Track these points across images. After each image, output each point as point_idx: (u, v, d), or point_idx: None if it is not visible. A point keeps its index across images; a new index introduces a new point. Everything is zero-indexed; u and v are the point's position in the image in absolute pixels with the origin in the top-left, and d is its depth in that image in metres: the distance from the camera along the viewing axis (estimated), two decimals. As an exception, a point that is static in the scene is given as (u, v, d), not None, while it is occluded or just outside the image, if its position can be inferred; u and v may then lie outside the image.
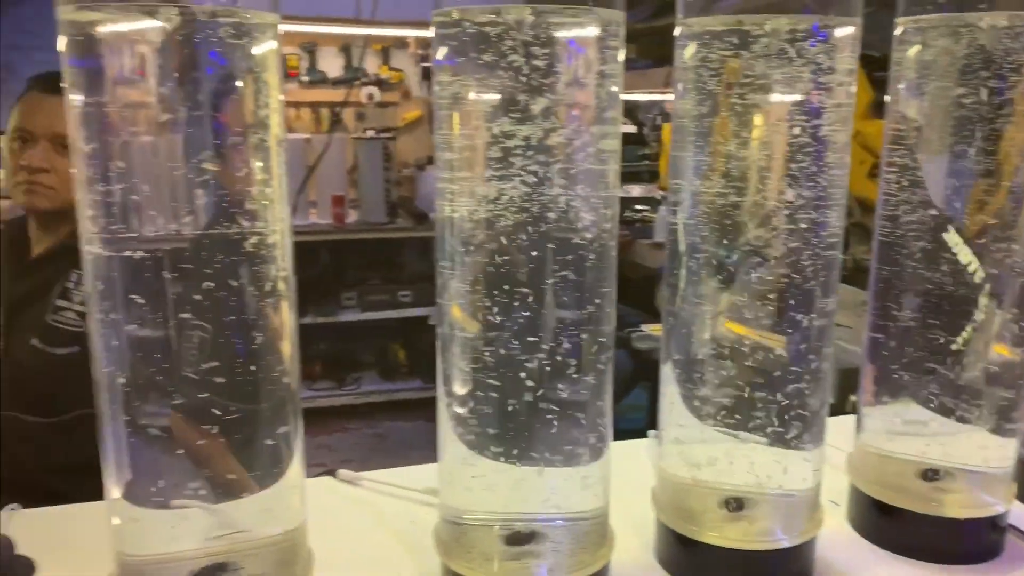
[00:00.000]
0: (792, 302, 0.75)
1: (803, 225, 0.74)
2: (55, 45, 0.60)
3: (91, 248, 0.62)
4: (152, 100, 0.59)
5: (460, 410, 0.75)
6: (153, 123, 0.60)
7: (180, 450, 0.65)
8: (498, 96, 0.66)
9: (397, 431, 3.98)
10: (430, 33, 0.71)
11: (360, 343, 4.34)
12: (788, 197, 0.74)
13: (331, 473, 1.00)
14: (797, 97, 0.73)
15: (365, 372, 4.28)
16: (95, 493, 0.93)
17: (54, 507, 0.95)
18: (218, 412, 0.64)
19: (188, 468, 0.66)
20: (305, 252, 3.90)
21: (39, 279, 1.39)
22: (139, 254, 0.61)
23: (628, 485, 0.81)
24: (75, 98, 0.61)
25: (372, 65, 4.36)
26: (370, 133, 4.20)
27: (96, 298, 0.63)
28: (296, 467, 0.72)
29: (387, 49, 4.34)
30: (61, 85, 1.19)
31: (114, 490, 0.67)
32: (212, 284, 0.62)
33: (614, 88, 0.69)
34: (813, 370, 0.76)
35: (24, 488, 1.07)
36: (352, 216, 4.08)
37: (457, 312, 0.74)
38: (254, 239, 0.64)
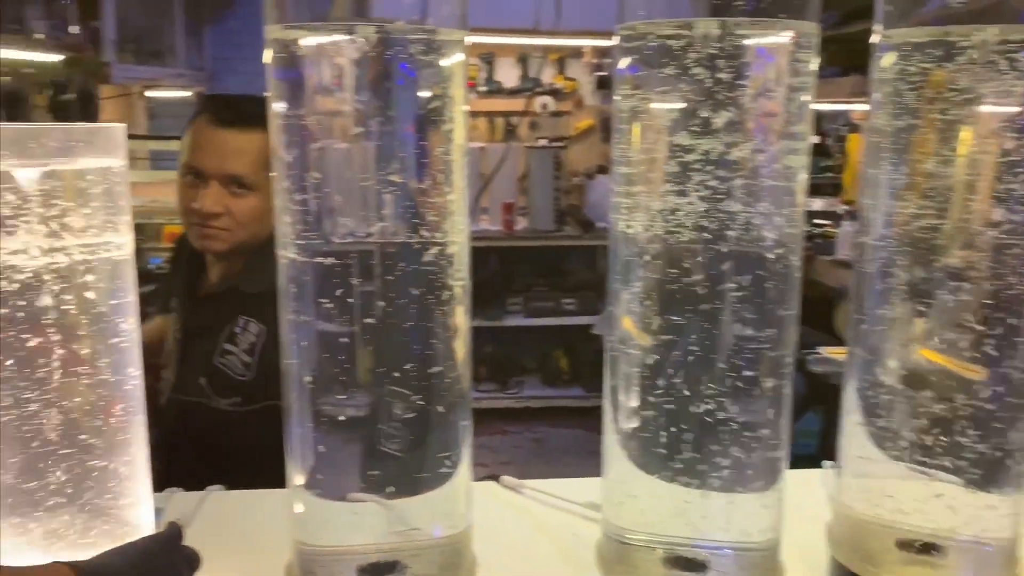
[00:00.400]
0: (996, 331, 0.69)
1: (1012, 247, 0.68)
2: (259, 57, 0.65)
3: (286, 253, 0.66)
4: (348, 111, 0.62)
5: (627, 426, 0.74)
6: (348, 133, 0.63)
7: (360, 444, 0.68)
8: (680, 109, 0.65)
9: (556, 437, 3.99)
10: (608, 42, 0.70)
11: (524, 348, 4.40)
12: (996, 217, 0.68)
13: (494, 478, 1.02)
14: (1009, 110, 0.67)
15: (527, 377, 4.33)
16: (267, 483, 0.98)
17: (228, 491, 1.01)
18: (398, 411, 0.66)
19: (367, 463, 0.69)
20: (475, 257, 3.96)
21: (211, 314, 1.33)
22: (329, 260, 0.64)
23: (800, 517, 0.77)
24: (278, 107, 0.65)
25: (547, 75, 4.41)
26: (542, 142, 4.25)
27: (288, 299, 0.67)
28: (465, 469, 0.74)
29: (563, 59, 4.38)
30: (232, 118, 1.18)
31: (297, 479, 0.71)
32: (398, 288, 0.64)
33: (804, 101, 0.66)
34: (1018, 406, 0.70)
35: (197, 474, 1.13)
36: (521, 223, 4.14)
37: (629, 326, 0.73)
38: (436, 248, 0.66)
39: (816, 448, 2.48)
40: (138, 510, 0.74)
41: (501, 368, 4.25)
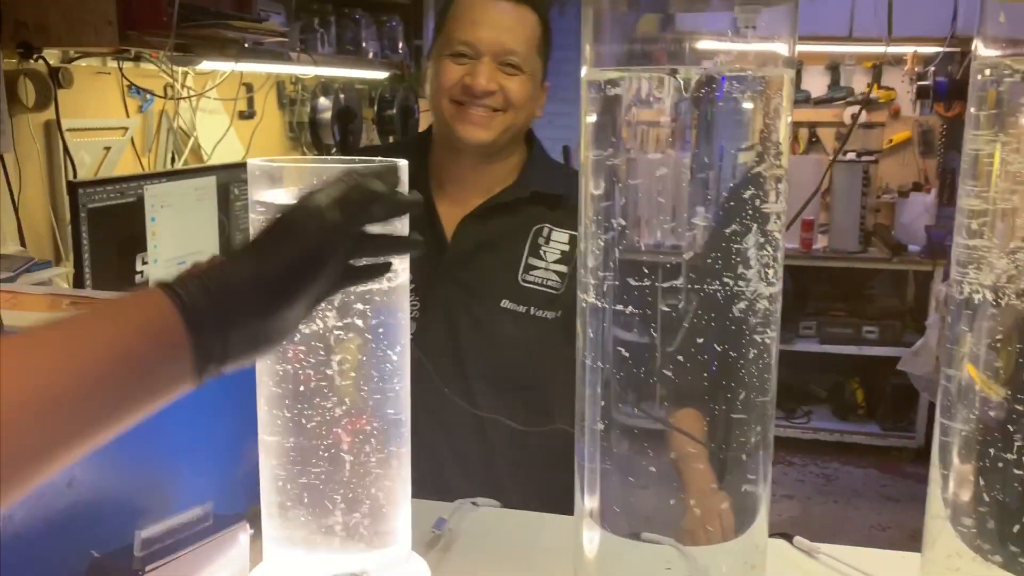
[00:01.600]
0: None
1: None
2: (560, 69, 0.64)
3: (585, 296, 0.65)
4: (663, 147, 0.60)
5: (960, 493, 0.64)
6: (661, 164, 0.60)
7: (657, 480, 0.64)
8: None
9: (846, 475, 3.70)
10: (934, 49, 0.61)
11: (815, 375, 4.13)
12: None
13: (786, 537, 0.91)
14: None
15: (817, 407, 4.06)
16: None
17: (504, 508, 1.02)
18: (707, 437, 0.62)
19: (664, 500, 0.65)
20: (766, 275, 3.77)
21: (495, 234, 1.25)
22: (632, 308, 0.61)
23: None
24: (592, 141, 0.64)
25: (859, 83, 4.10)
26: (850, 155, 3.96)
27: (586, 340, 0.65)
28: (762, 522, 0.68)
29: (878, 66, 4.05)
30: None
31: (587, 510, 0.69)
32: (711, 329, 0.60)
33: None
34: None
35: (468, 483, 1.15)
36: (820, 241, 3.89)
37: (972, 373, 0.63)
38: (745, 300, 0.61)
39: None
40: (399, 518, 0.76)
41: (788, 394, 4.02)
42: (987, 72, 0.59)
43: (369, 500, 0.75)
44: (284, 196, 0.69)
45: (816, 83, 4.15)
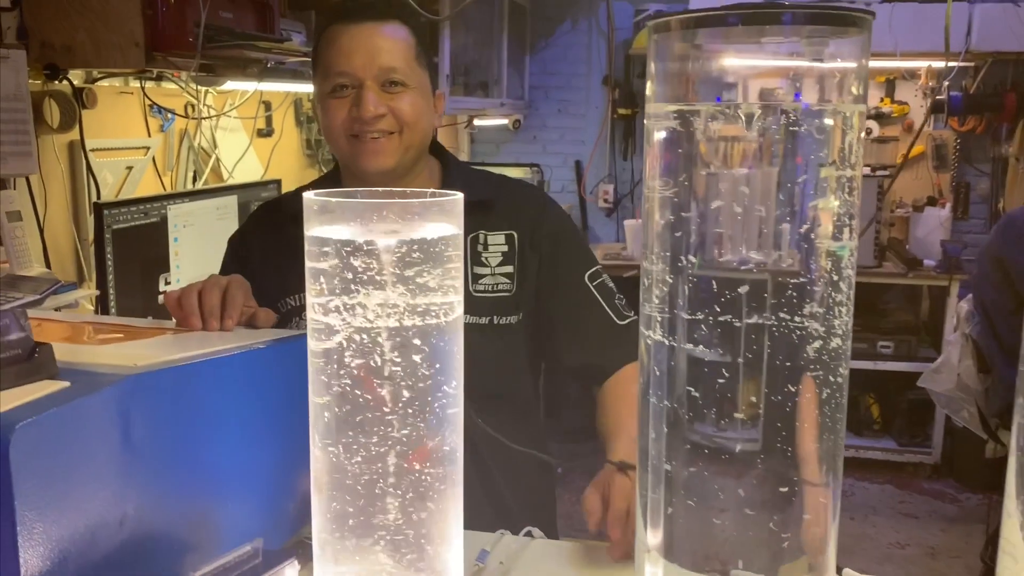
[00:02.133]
0: None
1: None
2: (570, 84, 0.63)
3: (651, 333, 0.64)
4: (733, 184, 0.59)
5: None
6: (730, 204, 0.59)
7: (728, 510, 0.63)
8: None
9: (862, 492, 3.68)
10: (946, 63, 0.60)
11: (829, 390, 4.11)
12: None
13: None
14: None
15: (832, 422, 4.04)
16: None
17: (550, 539, 1.00)
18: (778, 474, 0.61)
19: (732, 531, 0.64)
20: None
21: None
22: (699, 348, 0.60)
23: None
24: (660, 175, 0.63)
25: (872, 98, 4.10)
26: (864, 170, 3.95)
27: (650, 386, 0.64)
28: (831, 559, 0.67)
29: (892, 81, 4.05)
30: (364, 11, 1.09)
31: (650, 542, 0.68)
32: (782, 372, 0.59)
33: None
34: None
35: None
36: (834, 256, 3.88)
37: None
38: (819, 341, 0.60)
39: None
40: (451, 551, 0.75)
41: (803, 409, 4.01)
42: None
43: (424, 535, 0.74)
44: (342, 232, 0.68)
45: (829, 97, 4.14)
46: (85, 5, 1.64)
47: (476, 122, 4.24)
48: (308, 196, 0.70)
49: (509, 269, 1.25)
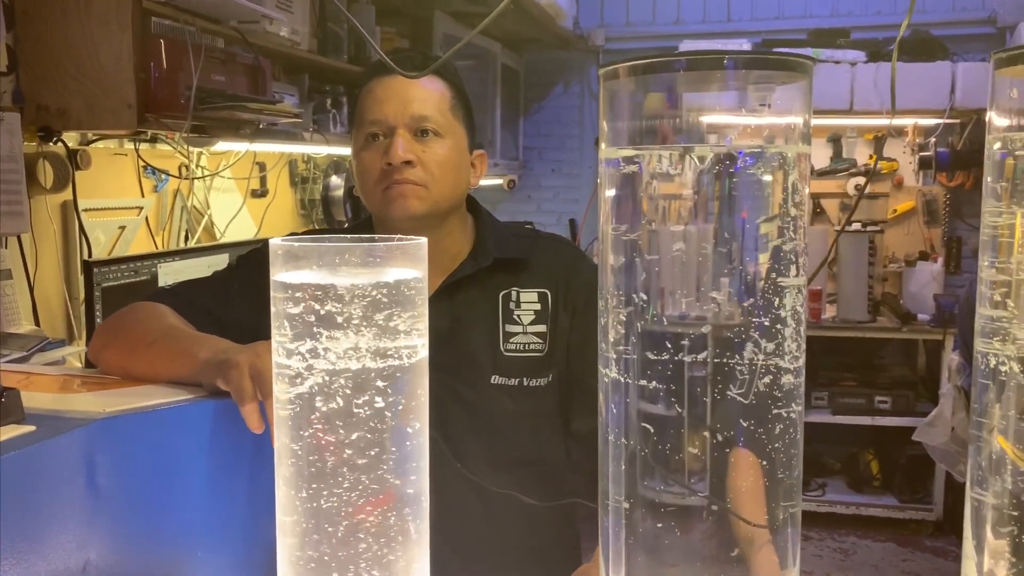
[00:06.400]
0: None
1: None
2: (563, 145, 0.65)
3: (607, 371, 0.65)
4: (681, 224, 0.60)
5: (996, 569, 0.63)
6: (681, 239, 0.61)
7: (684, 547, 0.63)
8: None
9: (864, 550, 3.62)
10: (933, 121, 0.62)
11: (828, 447, 4.07)
12: None
13: None
14: None
15: (831, 479, 3.99)
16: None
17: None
18: (717, 509, 0.61)
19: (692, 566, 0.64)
20: (776, 345, 3.75)
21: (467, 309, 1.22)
22: (653, 382, 0.61)
23: None
24: (612, 219, 0.64)
25: (861, 155, 4.16)
26: (855, 225, 3.99)
27: (608, 419, 0.65)
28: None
29: (880, 138, 4.11)
30: (403, 65, 1.08)
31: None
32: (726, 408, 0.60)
33: None
34: None
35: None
36: (829, 311, 3.89)
37: (1003, 444, 0.62)
38: (769, 375, 0.61)
39: None
40: None
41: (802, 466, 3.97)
42: (999, 144, 0.60)
43: (388, 581, 0.73)
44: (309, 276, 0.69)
45: (819, 155, 4.21)
46: (80, 70, 1.69)
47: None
48: (273, 242, 0.71)
49: (542, 328, 1.22)
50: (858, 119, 3.90)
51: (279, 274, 0.71)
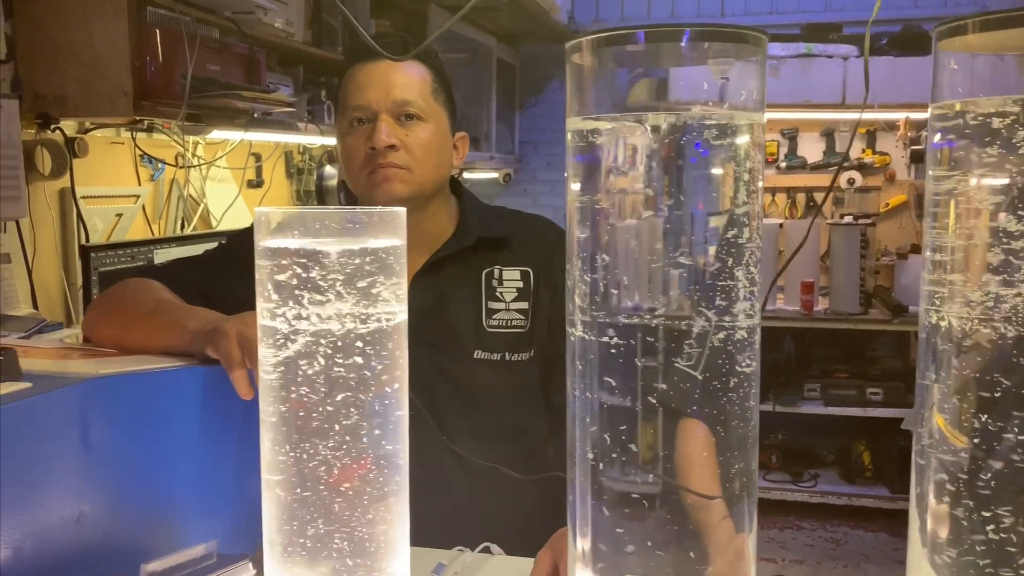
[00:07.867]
0: None
1: None
2: (559, 140, 0.68)
3: (574, 331, 0.68)
4: (640, 192, 0.63)
5: (938, 536, 0.66)
6: (640, 214, 0.64)
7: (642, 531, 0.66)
8: (1005, 192, 0.59)
9: (855, 539, 3.65)
10: (925, 115, 0.66)
11: (820, 438, 4.11)
12: None
13: None
14: None
15: (824, 470, 4.03)
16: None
17: (509, 556, 1.03)
18: (679, 498, 0.64)
19: (654, 547, 0.67)
20: (769, 338, 3.78)
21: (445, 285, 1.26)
22: (615, 339, 0.64)
23: None
24: (574, 187, 0.68)
25: (855, 149, 4.20)
26: (848, 219, 4.03)
27: (575, 377, 0.68)
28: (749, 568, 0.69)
29: (873, 132, 4.15)
30: (378, 45, 1.14)
31: (579, 559, 0.71)
32: (682, 371, 0.63)
33: None
34: None
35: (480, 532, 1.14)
36: (821, 304, 3.92)
37: (940, 424, 0.66)
38: (723, 332, 0.64)
39: None
40: (398, 556, 0.77)
41: (794, 458, 4.00)
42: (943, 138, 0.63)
43: (368, 540, 0.77)
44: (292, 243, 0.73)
45: (812, 149, 4.25)
46: (77, 58, 1.72)
47: (467, 175, 4.33)
48: (259, 210, 0.75)
49: (524, 305, 1.26)
50: (850, 113, 3.93)
51: (264, 240, 0.74)
